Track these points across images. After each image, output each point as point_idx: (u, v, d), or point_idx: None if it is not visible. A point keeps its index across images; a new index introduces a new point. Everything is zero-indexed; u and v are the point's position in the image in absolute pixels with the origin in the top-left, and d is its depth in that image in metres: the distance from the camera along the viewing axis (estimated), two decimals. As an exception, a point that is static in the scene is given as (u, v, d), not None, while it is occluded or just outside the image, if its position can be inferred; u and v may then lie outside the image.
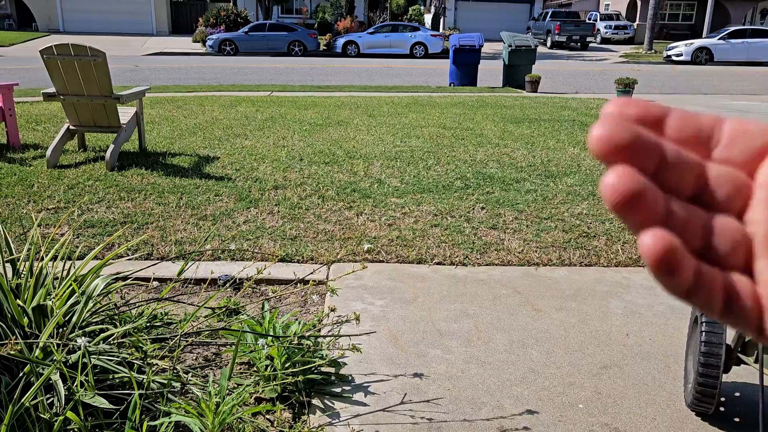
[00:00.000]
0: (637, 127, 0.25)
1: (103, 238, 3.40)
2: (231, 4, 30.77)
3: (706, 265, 0.26)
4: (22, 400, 1.50)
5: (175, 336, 2.02)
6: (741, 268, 0.26)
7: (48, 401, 1.63)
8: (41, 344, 1.75)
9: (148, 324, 2.23)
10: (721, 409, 2.10)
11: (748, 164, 0.27)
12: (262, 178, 4.73)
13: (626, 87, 10.73)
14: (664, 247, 0.24)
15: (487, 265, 3.27)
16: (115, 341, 1.80)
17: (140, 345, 1.78)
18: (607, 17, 32.27)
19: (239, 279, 2.89)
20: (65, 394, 1.61)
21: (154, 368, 1.80)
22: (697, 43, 23.37)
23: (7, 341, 1.56)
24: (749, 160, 0.27)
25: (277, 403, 2.00)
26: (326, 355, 2.19)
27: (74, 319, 1.94)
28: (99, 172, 4.79)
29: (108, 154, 4.85)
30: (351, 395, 2.09)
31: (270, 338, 2.06)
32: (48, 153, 4.88)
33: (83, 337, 1.56)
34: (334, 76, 15.04)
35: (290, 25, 23.69)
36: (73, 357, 1.76)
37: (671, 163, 0.26)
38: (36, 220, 2.65)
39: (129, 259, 3.10)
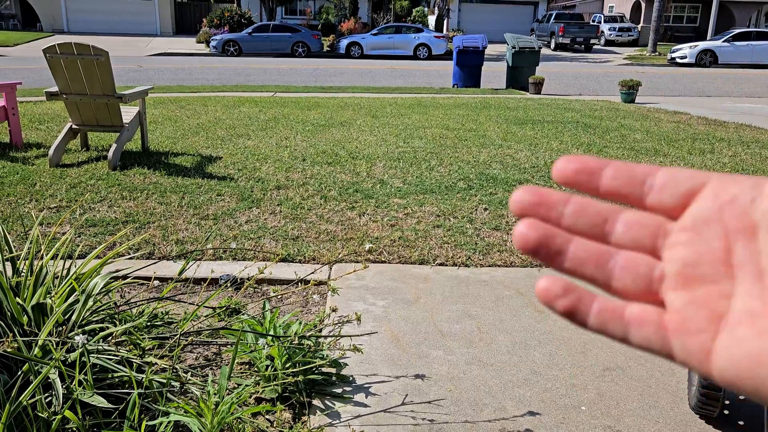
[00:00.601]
0: (541, 191, 0.31)
1: (105, 237, 3.40)
2: (235, 5, 30.83)
3: (606, 298, 0.30)
4: (20, 399, 1.49)
5: (175, 335, 2.01)
6: (647, 300, 0.29)
7: (46, 400, 1.62)
8: (40, 342, 1.74)
9: (148, 323, 2.22)
10: (725, 412, 2.08)
11: (677, 209, 0.29)
12: (265, 178, 4.72)
13: (630, 89, 10.70)
14: (562, 294, 0.30)
15: (489, 266, 3.25)
16: (114, 340, 1.79)
17: (138, 342, 1.77)
18: (611, 19, 32.23)
19: (240, 278, 2.88)
20: (63, 393, 1.59)
21: (153, 367, 1.79)
22: (702, 45, 23.33)
23: (5, 339, 1.55)
24: (677, 205, 0.29)
25: (278, 403, 1.99)
26: (327, 356, 2.17)
27: (74, 317, 1.93)
28: (101, 171, 4.78)
29: (110, 154, 4.85)
30: (352, 396, 2.07)
31: (270, 338, 2.05)
32: (50, 152, 4.88)
33: (81, 335, 1.55)
34: (337, 77, 15.04)
35: (294, 26, 23.72)
36: (72, 356, 1.75)
37: (570, 214, 0.31)
38: (37, 218, 2.64)
39: (130, 258, 3.10)
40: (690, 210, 0.29)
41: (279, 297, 2.84)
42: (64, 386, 1.62)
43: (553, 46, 28.63)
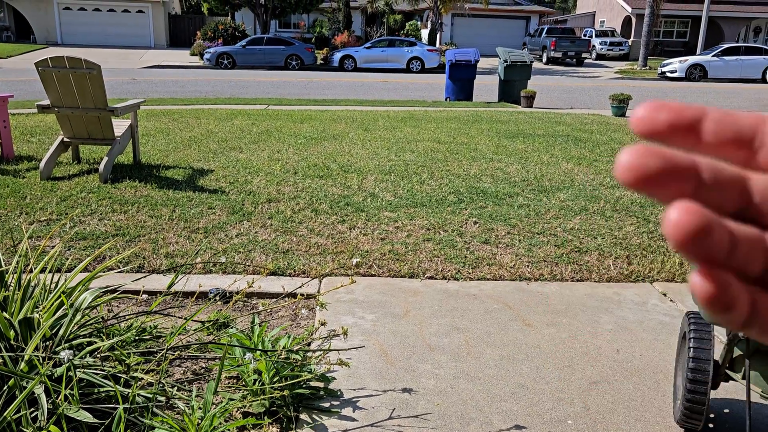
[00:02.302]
0: (666, 153, 0.24)
1: (95, 251, 3.39)
2: (229, 18, 30.97)
3: (763, 293, 0.24)
4: (5, 414, 1.49)
5: (163, 349, 2.01)
6: None
7: (32, 415, 1.62)
8: (27, 357, 1.74)
9: (136, 337, 2.22)
10: (710, 425, 2.10)
11: None
12: (256, 191, 4.73)
13: (621, 103, 10.80)
14: (717, 291, 0.23)
15: (478, 279, 3.27)
16: (101, 355, 1.79)
17: (123, 359, 1.77)
18: (602, 34, 32.54)
19: (230, 292, 2.89)
20: (49, 408, 1.59)
21: (140, 382, 1.79)
22: (691, 60, 23.57)
23: (-9, 354, 1.55)
24: None
25: (265, 417, 1.99)
26: (315, 370, 2.18)
27: (61, 331, 1.93)
28: (92, 184, 4.78)
29: (102, 167, 4.85)
30: (339, 410, 2.07)
31: (258, 352, 2.05)
32: (41, 165, 4.87)
33: (67, 351, 1.55)
34: (330, 90, 15.10)
35: (287, 39, 23.82)
36: (59, 370, 1.75)
37: (709, 184, 0.24)
38: (27, 232, 2.64)
39: (119, 272, 3.09)
40: None
41: (268, 311, 2.84)
42: (49, 401, 1.62)
43: (545, 60, 28.86)
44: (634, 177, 0.23)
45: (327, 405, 2.10)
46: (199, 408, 1.58)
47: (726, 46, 24.24)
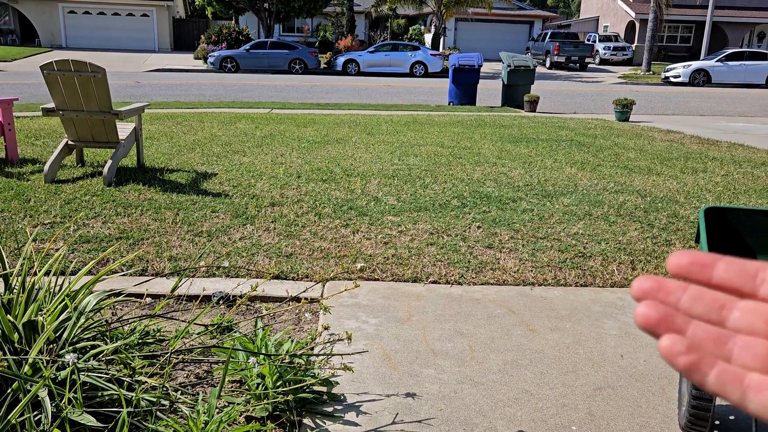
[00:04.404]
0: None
1: (99, 254, 3.40)
2: (233, 21, 31.06)
3: (726, 364, 0.32)
4: (9, 418, 1.49)
5: (166, 353, 2.01)
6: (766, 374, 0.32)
7: (35, 418, 1.62)
8: (30, 360, 1.74)
9: (140, 341, 2.22)
10: (716, 432, 2.09)
11: None
12: (259, 194, 4.74)
13: (624, 108, 10.79)
14: (670, 346, 0.33)
15: (482, 284, 3.26)
16: (105, 358, 1.79)
17: (129, 362, 1.77)
18: (605, 39, 32.57)
19: (233, 296, 2.89)
20: (53, 411, 1.59)
21: (144, 386, 1.79)
22: (695, 65, 23.56)
23: (-5, 357, 1.55)
24: None
25: (268, 422, 1.99)
26: (318, 374, 2.17)
27: (65, 335, 1.93)
28: (96, 187, 4.79)
29: (106, 170, 4.86)
30: (342, 415, 2.07)
31: (262, 356, 2.05)
32: (46, 168, 4.89)
33: (72, 354, 1.55)
34: (333, 94, 15.12)
35: (291, 44, 23.88)
36: (63, 374, 1.75)
37: (688, 304, 0.34)
38: (31, 235, 2.65)
39: (123, 275, 3.10)
40: None
41: (272, 315, 2.84)
42: (53, 404, 1.62)
43: (548, 64, 28.88)
44: (639, 293, 0.35)
45: (330, 409, 2.09)
46: (204, 412, 1.58)
47: (730, 51, 24.23)
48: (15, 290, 2.07)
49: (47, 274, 2.29)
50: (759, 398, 0.31)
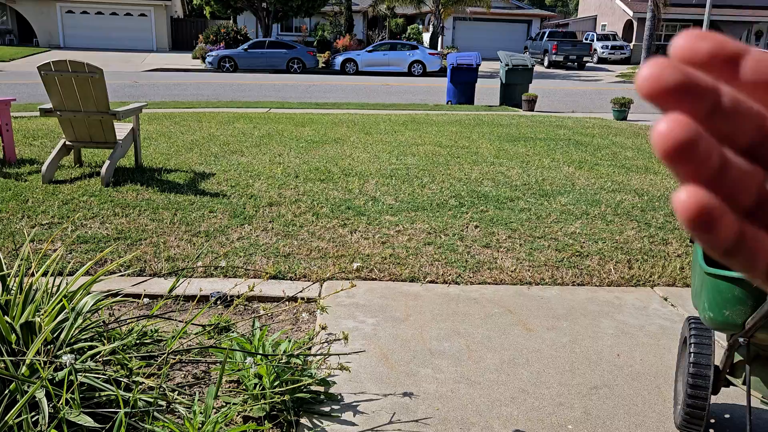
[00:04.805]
0: (688, 69, 0.24)
1: (96, 254, 3.40)
2: (231, 21, 31.03)
3: (753, 226, 0.24)
4: (6, 418, 1.50)
5: (164, 353, 2.02)
6: None
7: (33, 419, 1.62)
8: (28, 361, 1.75)
9: (137, 341, 2.23)
10: (711, 430, 2.10)
11: None
12: (257, 194, 4.74)
13: (622, 106, 10.80)
14: (697, 207, 0.23)
15: (479, 283, 3.27)
16: (102, 358, 1.79)
17: (126, 362, 1.77)
18: (603, 37, 32.56)
19: (231, 296, 2.89)
20: (50, 412, 1.60)
21: (141, 386, 1.79)
22: (693, 63, 23.56)
23: (-8, 358, 1.55)
24: None
25: (265, 422, 1.99)
26: (315, 374, 2.18)
27: (63, 335, 1.93)
28: (94, 187, 4.79)
29: (103, 170, 4.86)
30: (340, 414, 2.08)
31: (259, 356, 2.06)
32: (43, 168, 4.89)
33: (69, 355, 1.56)
34: (332, 94, 15.12)
35: (289, 43, 23.86)
36: (60, 374, 1.76)
37: (726, 111, 0.24)
38: (29, 235, 2.65)
39: (121, 275, 3.10)
40: None
41: (269, 314, 2.84)
42: (50, 405, 1.62)
43: (546, 63, 28.88)
44: (651, 87, 0.23)
45: (327, 409, 2.10)
46: (200, 412, 1.58)
47: (728, 49, 24.22)
48: (13, 291, 2.08)
49: (45, 274, 2.29)
50: None
